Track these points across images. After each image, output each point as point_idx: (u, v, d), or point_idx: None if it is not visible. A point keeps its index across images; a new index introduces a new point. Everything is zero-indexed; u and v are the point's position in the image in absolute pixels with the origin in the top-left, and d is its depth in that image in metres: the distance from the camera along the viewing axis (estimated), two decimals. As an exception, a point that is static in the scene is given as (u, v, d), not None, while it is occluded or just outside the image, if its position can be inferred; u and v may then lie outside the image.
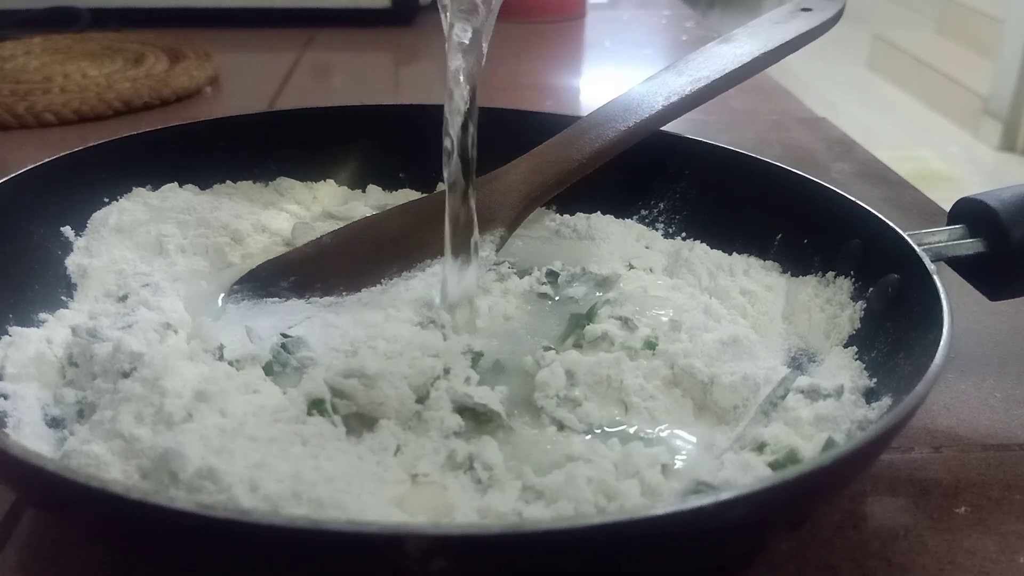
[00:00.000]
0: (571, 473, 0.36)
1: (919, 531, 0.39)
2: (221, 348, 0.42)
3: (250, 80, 1.02)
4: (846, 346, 0.46)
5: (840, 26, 0.61)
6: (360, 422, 0.39)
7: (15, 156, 0.78)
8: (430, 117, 0.64)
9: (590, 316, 0.47)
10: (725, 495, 0.28)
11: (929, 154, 2.76)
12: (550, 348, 0.44)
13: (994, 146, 2.85)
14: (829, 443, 0.37)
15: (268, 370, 0.41)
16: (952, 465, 0.43)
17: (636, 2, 1.42)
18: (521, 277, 0.52)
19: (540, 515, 0.34)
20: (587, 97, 1.01)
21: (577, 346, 0.45)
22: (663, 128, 0.57)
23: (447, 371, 0.41)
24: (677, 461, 0.38)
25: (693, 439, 0.41)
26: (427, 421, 0.39)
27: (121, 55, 1.01)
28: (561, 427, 0.40)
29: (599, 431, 0.40)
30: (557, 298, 0.50)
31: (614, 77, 1.07)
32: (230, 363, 0.41)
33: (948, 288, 0.41)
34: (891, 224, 0.47)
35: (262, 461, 0.34)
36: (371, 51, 1.15)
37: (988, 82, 2.90)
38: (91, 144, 0.53)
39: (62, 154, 0.51)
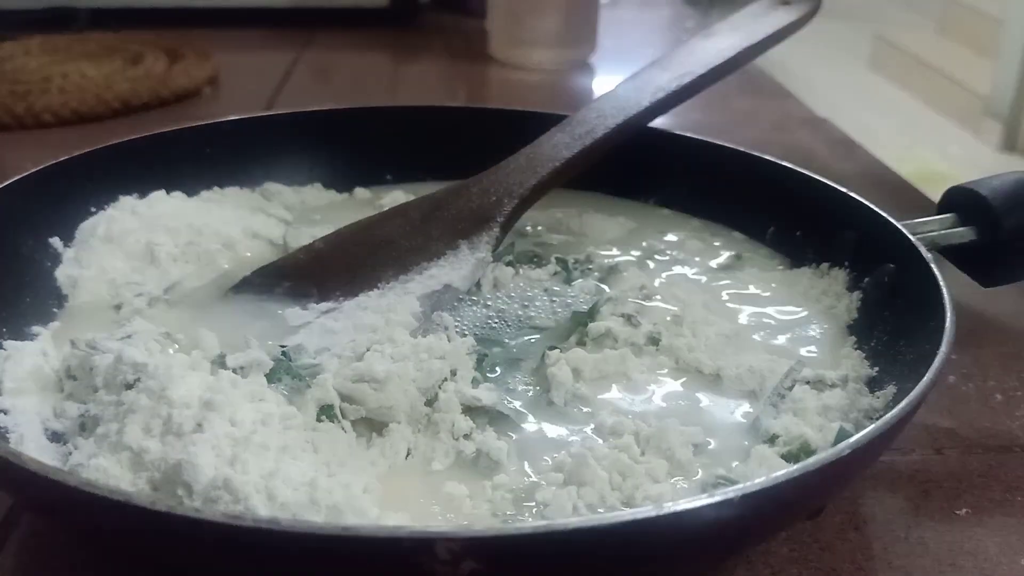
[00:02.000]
0: (581, 454, 0.36)
1: (920, 533, 0.39)
2: (223, 357, 0.42)
3: (249, 80, 1.02)
4: (844, 337, 0.47)
5: (841, 26, 0.62)
6: (369, 427, 0.39)
7: (14, 157, 0.78)
8: (415, 118, 0.64)
9: (592, 314, 0.47)
10: (751, 488, 0.29)
11: (930, 154, 2.76)
12: (555, 347, 0.44)
13: (995, 146, 2.85)
14: (842, 432, 0.38)
15: (271, 379, 0.41)
16: (953, 467, 0.43)
17: (636, 2, 1.42)
18: (530, 265, 0.52)
19: (554, 499, 0.35)
20: (587, 97, 1.01)
21: (581, 344, 0.45)
22: (651, 125, 0.57)
23: (453, 373, 0.41)
24: (710, 440, 0.39)
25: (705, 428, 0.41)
26: (437, 423, 0.39)
27: (120, 55, 1.01)
28: (574, 422, 0.41)
29: (617, 416, 0.40)
30: (568, 288, 0.50)
31: (614, 77, 1.07)
32: (233, 371, 0.41)
33: (948, 269, 0.42)
34: (884, 214, 0.48)
35: (276, 469, 0.34)
36: (370, 51, 1.14)
37: (989, 82, 2.90)
38: (75, 154, 0.53)
39: (47, 164, 0.51)
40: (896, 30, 3.52)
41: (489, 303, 0.49)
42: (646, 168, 0.60)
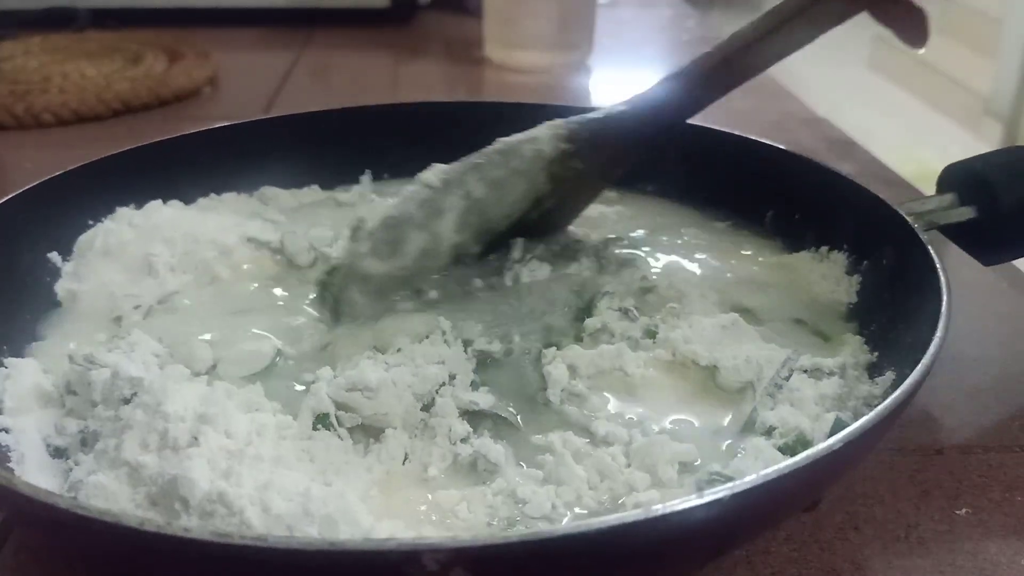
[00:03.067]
0: (561, 453, 0.37)
1: (920, 533, 0.39)
2: (214, 367, 0.42)
3: (249, 80, 1.02)
4: (845, 321, 0.47)
5: (841, 26, 0.61)
6: (366, 433, 0.39)
7: (14, 157, 0.78)
8: (409, 115, 0.64)
9: (588, 310, 0.47)
10: (740, 487, 0.28)
11: (930, 154, 2.76)
12: (551, 345, 0.44)
13: (995, 146, 2.83)
14: (837, 423, 0.37)
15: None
16: (953, 466, 0.43)
17: (636, 2, 1.42)
18: (528, 260, 0.52)
19: (532, 497, 0.35)
20: (586, 98, 1.01)
21: (578, 340, 0.45)
22: None
23: (452, 377, 0.41)
24: (697, 456, 0.38)
25: (700, 426, 0.41)
26: (434, 428, 0.39)
27: (120, 55, 1.01)
28: (569, 423, 0.40)
29: (608, 425, 0.40)
30: (567, 280, 0.50)
31: (615, 77, 1.07)
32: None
33: (943, 257, 0.42)
34: (881, 196, 0.48)
35: (271, 481, 0.34)
36: (370, 51, 1.14)
37: (989, 82, 2.90)
38: (70, 168, 0.52)
39: (42, 180, 0.51)
40: (896, 30, 3.51)
41: (482, 296, 0.49)
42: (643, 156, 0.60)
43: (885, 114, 3.06)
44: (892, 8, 0.46)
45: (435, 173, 0.49)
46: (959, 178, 0.49)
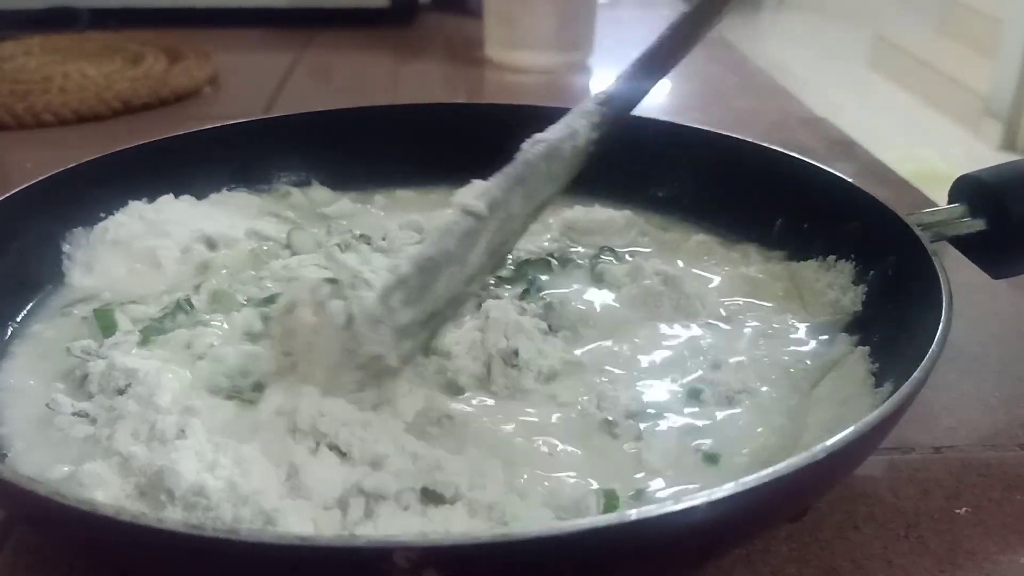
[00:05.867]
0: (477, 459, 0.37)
1: (920, 532, 0.39)
2: (202, 357, 0.42)
3: (249, 80, 1.02)
4: (849, 331, 0.46)
5: (841, 26, 0.61)
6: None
7: (14, 156, 0.78)
8: (423, 117, 0.64)
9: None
10: (717, 494, 0.28)
11: (930, 154, 2.76)
12: None
13: (995, 146, 2.84)
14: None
15: None
16: (953, 466, 0.43)
17: (636, 2, 1.42)
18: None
19: (517, 499, 0.35)
20: (586, 97, 1.01)
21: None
22: (659, 118, 0.58)
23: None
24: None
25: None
26: (421, 426, 0.39)
27: (120, 55, 1.01)
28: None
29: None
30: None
31: (615, 77, 1.07)
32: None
33: (948, 270, 0.41)
34: (889, 206, 0.48)
35: (253, 474, 0.34)
36: (370, 51, 1.14)
37: (989, 82, 2.90)
38: (84, 160, 0.53)
39: (57, 171, 0.51)
40: (896, 30, 3.51)
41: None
42: (653, 161, 0.60)
43: (885, 114, 3.06)
44: None
45: (480, 197, 0.40)
46: (971, 190, 0.48)
